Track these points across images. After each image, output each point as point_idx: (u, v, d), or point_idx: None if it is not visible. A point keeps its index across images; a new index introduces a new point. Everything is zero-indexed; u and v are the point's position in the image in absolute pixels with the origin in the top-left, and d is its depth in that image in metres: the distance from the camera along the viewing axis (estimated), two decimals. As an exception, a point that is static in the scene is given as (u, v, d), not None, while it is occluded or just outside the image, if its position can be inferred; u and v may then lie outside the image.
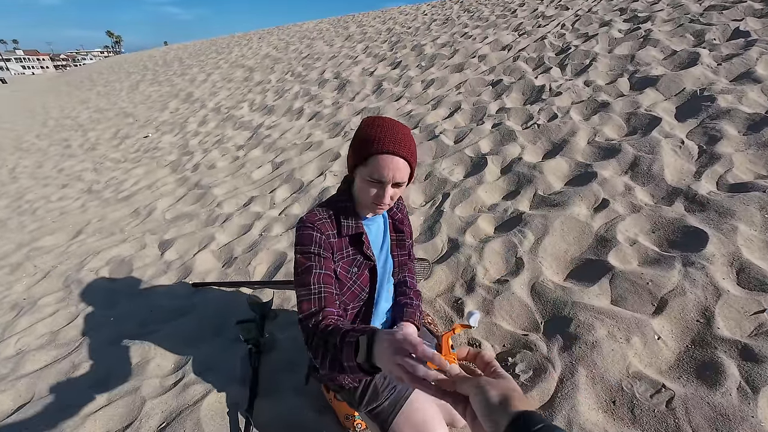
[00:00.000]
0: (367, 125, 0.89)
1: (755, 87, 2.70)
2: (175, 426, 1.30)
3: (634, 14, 4.86)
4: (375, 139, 0.84)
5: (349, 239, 1.01)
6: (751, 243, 1.65)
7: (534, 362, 1.38)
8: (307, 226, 0.94)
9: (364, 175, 0.89)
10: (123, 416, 1.38)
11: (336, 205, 1.00)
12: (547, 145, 2.81)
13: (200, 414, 1.32)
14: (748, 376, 1.18)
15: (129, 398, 1.43)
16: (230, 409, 1.36)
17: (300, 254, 0.94)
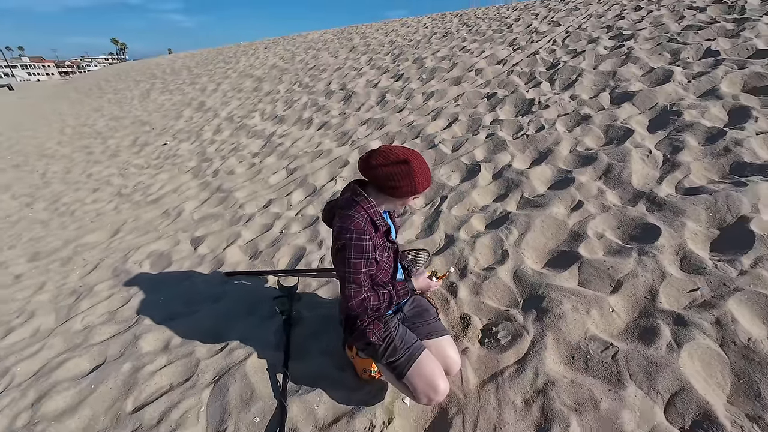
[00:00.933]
0: (421, 170, 1.27)
1: (717, 103, 3.06)
2: (226, 378, 1.64)
3: (620, 32, 5.25)
4: (426, 179, 1.29)
5: (383, 235, 1.36)
6: (695, 236, 1.99)
7: (512, 330, 1.71)
8: (361, 236, 1.24)
9: (408, 200, 1.33)
10: (182, 372, 1.72)
11: (368, 211, 1.30)
12: (534, 153, 3.17)
13: (246, 370, 1.66)
14: (676, 336, 1.51)
15: (186, 359, 1.77)
16: (269, 367, 1.70)
17: (358, 263, 1.26)
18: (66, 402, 1.63)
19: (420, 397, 1.28)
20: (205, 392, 1.60)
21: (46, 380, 1.74)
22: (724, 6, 5.16)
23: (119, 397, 1.63)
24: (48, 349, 1.96)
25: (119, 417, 1.54)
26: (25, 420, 1.56)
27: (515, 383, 1.48)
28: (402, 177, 1.25)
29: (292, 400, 1.51)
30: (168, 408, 1.54)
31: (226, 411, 1.51)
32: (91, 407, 1.58)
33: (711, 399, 1.31)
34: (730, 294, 1.62)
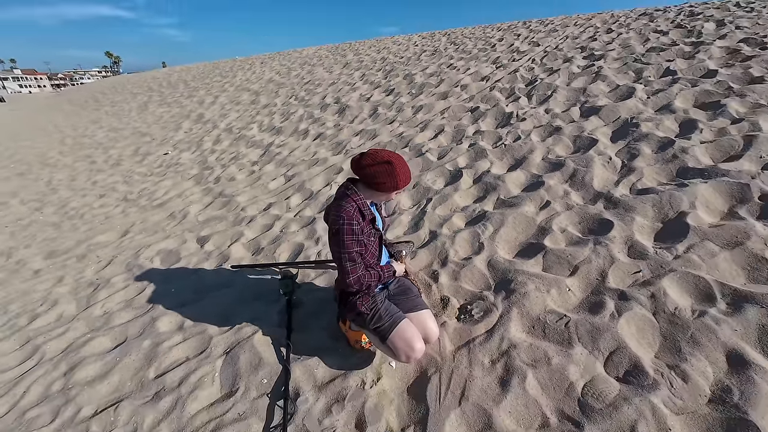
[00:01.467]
0: (401, 171, 1.56)
1: (671, 116, 3.46)
2: (236, 350, 1.88)
3: (592, 52, 5.73)
4: (407, 178, 1.58)
5: (369, 222, 1.65)
6: (642, 228, 2.31)
7: (484, 307, 2.00)
8: (351, 222, 1.54)
9: (391, 195, 1.62)
10: (197, 347, 1.96)
11: (356, 202, 1.60)
12: (511, 160, 3.51)
13: (254, 343, 1.91)
14: (618, 308, 1.81)
15: (199, 336, 2.02)
16: (274, 341, 1.95)
17: (349, 244, 1.55)
18: (95, 371, 1.85)
19: (400, 355, 1.55)
20: (218, 361, 1.84)
21: (75, 355, 1.96)
22: (684, 30, 5.69)
23: (142, 367, 1.86)
24: (73, 330, 2.18)
25: (143, 382, 1.78)
26: (60, 386, 1.78)
27: (484, 347, 1.76)
28: (386, 175, 1.55)
29: (294, 364, 1.76)
30: (186, 374, 1.78)
31: (237, 375, 1.76)
32: (118, 375, 1.81)
33: (641, 354, 1.60)
34: (665, 274, 1.93)
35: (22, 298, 2.59)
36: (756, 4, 6.33)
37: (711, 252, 2.00)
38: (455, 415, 1.50)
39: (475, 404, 1.52)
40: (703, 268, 1.93)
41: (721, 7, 6.59)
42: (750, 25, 5.27)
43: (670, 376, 1.50)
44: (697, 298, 1.81)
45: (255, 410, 1.59)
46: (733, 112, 3.25)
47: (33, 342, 2.12)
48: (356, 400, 1.59)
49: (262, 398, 1.64)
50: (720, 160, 2.77)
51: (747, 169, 2.54)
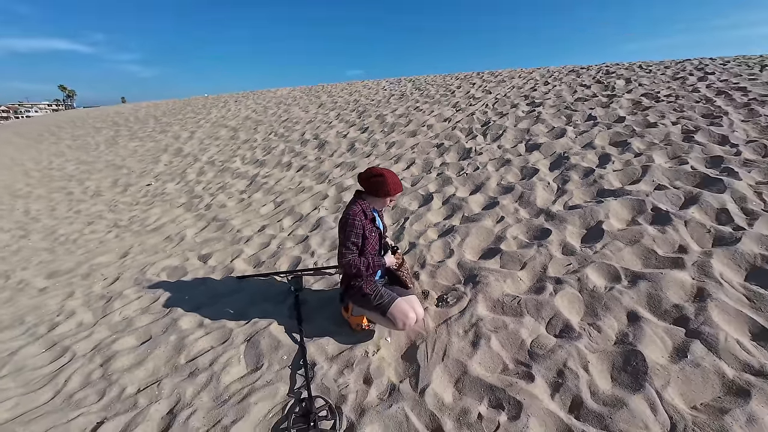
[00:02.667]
0: (392, 180, 2.11)
1: (592, 151, 4.39)
2: (257, 337, 2.24)
3: (533, 100, 6.89)
4: (397, 187, 2.13)
5: (370, 220, 2.17)
6: (572, 234, 3.01)
7: (457, 295, 2.52)
8: (354, 218, 2.07)
9: (386, 200, 2.15)
10: (219, 338, 2.29)
11: (361, 205, 2.15)
12: (472, 186, 4.22)
13: (270, 330, 2.28)
14: (555, 289, 2.41)
15: (220, 330, 2.35)
16: (287, 329, 2.33)
17: (350, 233, 2.06)
18: (129, 361, 2.12)
19: (398, 323, 2.02)
20: (241, 347, 2.19)
21: (107, 350, 2.21)
22: (602, 85, 7.06)
23: (173, 356, 2.15)
24: (97, 333, 2.40)
25: (177, 366, 2.07)
26: (99, 375, 2.03)
27: (458, 323, 2.26)
28: (380, 184, 2.12)
29: (308, 343, 2.16)
30: (215, 357, 2.11)
31: (260, 355, 2.11)
32: (152, 363, 2.09)
33: (571, 318, 2.18)
34: (588, 264, 2.59)
35: (34, 311, 2.74)
36: (653, 67, 7.99)
37: (618, 248, 2.71)
38: (440, 368, 1.96)
39: (454, 360, 2.00)
40: (614, 259, 2.62)
41: (629, 68, 8.23)
42: (649, 83, 6.70)
43: (590, 329, 2.09)
44: (609, 278, 2.47)
45: (280, 378, 1.95)
46: (636, 149, 4.22)
47: (60, 344, 2.31)
48: (362, 364, 2.01)
49: (285, 369, 2.01)
50: (626, 183, 3.63)
51: (644, 190, 3.39)
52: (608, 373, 1.84)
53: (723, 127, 4.37)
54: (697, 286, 2.24)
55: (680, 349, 1.86)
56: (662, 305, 2.16)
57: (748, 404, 1.55)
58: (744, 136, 4.09)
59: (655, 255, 2.60)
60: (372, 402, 1.79)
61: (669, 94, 5.86)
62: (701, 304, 2.09)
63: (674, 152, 4.01)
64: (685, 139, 4.28)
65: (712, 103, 5.19)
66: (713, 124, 4.52)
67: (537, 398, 1.71)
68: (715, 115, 4.75)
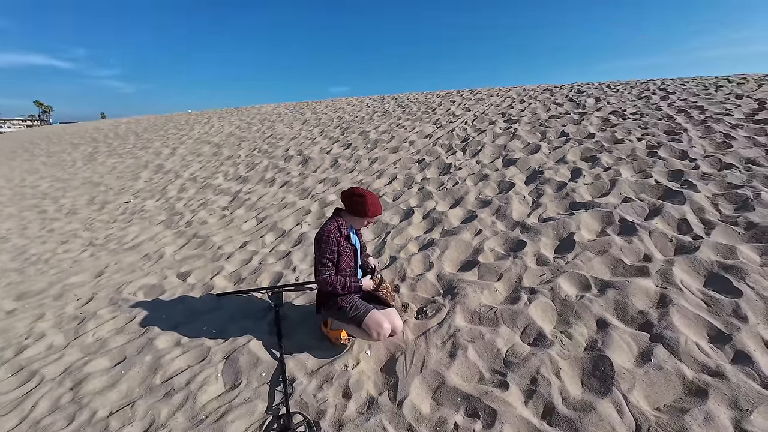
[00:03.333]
0: (372, 203, 2.17)
1: (565, 166, 4.60)
2: (235, 354, 2.22)
3: (510, 117, 7.18)
4: (377, 210, 2.18)
5: (345, 237, 2.21)
6: (546, 245, 3.13)
7: (436, 307, 2.58)
8: (329, 235, 2.12)
9: (365, 220, 2.19)
10: (197, 357, 2.26)
11: (337, 222, 2.20)
12: (452, 200, 4.34)
13: (250, 348, 2.27)
14: (529, 299, 2.49)
15: (198, 348, 2.32)
16: (267, 346, 2.32)
17: (325, 250, 2.11)
18: (102, 384, 2.06)
19: (372, 333, 2.06)
20: (219, 365, 2.16)
21: (78, 373, 2.14)
22: (574, 103, 7.43)
23: (148, 376, 2.11)
24: (68, 356, 2.32)
25: (151, 387, 2.03)
26: (69, 399, 1.96)
27: (437, 334, 2.31)
28: (360, 205, 2.17)
29: (287, 359, 2.15)
30: (192, 376, 2.08)
31: (238, 372, 2.10)
32: (126, 384, 2.04)
33: (544, 327, 2.26)
34: (560, 275, 2.69)
35: (1, 335, 2.63)
36: (620, 86, 8.49)
37: (589, 258, 2.84)
38: (418, 379, 1.99)
39: (432, 371, 2.04)
40: (584, 269, 2.74)
41: (598, 87, 8.71)
42: (616, 102, 7.10)
43: (561, 337, 2.17)
44: (580, 287, 2.58)
45: (258, 395, 1.94)
46: (605, 163, 4.46)
47: (28, 368, 2.22)
48: (341, 378, 2.02)
49: (263, 386, 2.00)
50: (596, 196, 3.81)
51: (612, 202, 3.57)
52: (578, 378, 1.91)
53: (683, 142, 4.67)
54: (660, 292, 2.37)
55: (645, 353, 1.96)
56: (629, 312, 2.27)
57: (705, 404, 1.65)
58: (702, 151, 4.38)
59: (623, 264, 2.73)
60: (351, 416, 1.80)
61: (635, 112, 6.23)
62: (664, 310, 2.21)
63: (639, 166, 4.25)
64: (649, 154, 4.55)
65: (673, 120, 5.55)
66: (674, 140, 4.82)
67: (511, 406, 1.76)
68: (676, 132, 5.08)
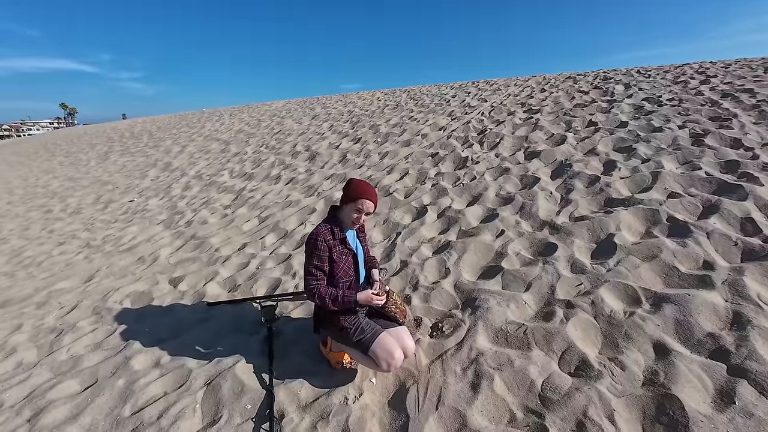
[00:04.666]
0: (357, 183, 1.81)
1: (596, 158, 4.11)
2: (218, 380, 1.90)
3: (530, 107, 6.67)
4: (365, 192, 1.79)
5: (339, 241, 1.86)
6: (580, 249, 2.70)
7: (454, 323, 2.20)
8: (316, 238, 1.78)
9: (353, 207, 1.79)
10: (175, 381, 1.95)
11: (330, 223, 1.85)
12: (469, 197, 3.93)
13: (236, 372, 1.94)
14: (566, 314, 2.09)
15: (178, 371, 2.01)
16: (256, 369, 1.99)
17: (311, 256, 1.77)
18: (64, 414, 1.77)
19: (381, 364, 1.69)
20: (199, 393, 1.85)
21: (40, 400, 1.87)
22: (600, 91, 6.86)
23: (117, 406, 1.81)
24: (36, 377, 2.06)
25: (118, 421, 1.73)
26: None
27: (456, 358, 1.93)
28: (345, 189, 1.84)
29: (278, 388, 1.82)
30: (166, 408, 1.77)
31: (220, 403, 1.77)
32: (90, 416, 1.75)
33: (587, 351, 1.85)
34: (601, 284, 2.27)
35: (-29, 350, 2.41)
36: (652, 71, 7.82)
37: (634, 264, 2.40)
38: (433, 419, 1.63)
39: (451, 407, 1.67)
40: (630, 278, 2.30)
41: (627, 73, 8.06)
42: (649, 87, 6.49)
43: (611, 366, 1.76)
44: (627, 301, 2.15)
45: (240, 434, 1.61)
46: (642, 154, 3.95)
47: (-11, 392, 1.98)
48: (340, 415, 1.67)
49: (247, 423, 1.67)
50: (636, 191, 3.34)
51: (656, 198, 3.10)
52: (639, 424, 1.50)
53: (734, 129, 4.11)
54: (733, 309, 1.92)
55: (725, 393, 1.54)
56: (694, 334, 1.84)
57: (823, 471, 1.22)
58: (758, 139, 3.82)
59: (678, 272, 2.28)
60: (349, 467, 1.45)
61: (671, 98, 5.64)
62: (741, 333, 1.77)
63: (685, 157, 3.74)
64: (694, 143, 4.01)
65: (719, 105, 4.96)
66: (723, 127, 4.26)
67: (554, 461, 1.38)
68: (724, 118, 4.50)
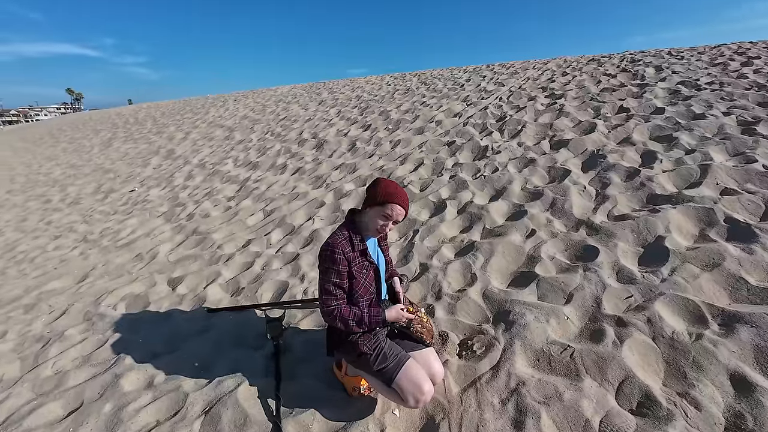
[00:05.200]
0: (386, 184, 1.51)
1: (632, 148, 3.73)
2: (218, 407, 1.66)
3: (552, 92, 6.22)
4: (395, 195, 1.49)
5: (359, 253, 1.56)
6: (625, 254, 2.38)
7: (486, 341, 1.92)
8: (333, 250, 1.48)
9: (380, 212, 1.49)
10: (170, 407, 1.71)
11: (348, 231, 1.55)
12: (492, 191, 3.60)
13: (237, 398, 1.69)
14: (618, 334, 1.79)
15: (173, 394, 1.77)
16: (260, 393, 1.74)
17: (329, 272, 1.49)
18: (41, 448, 1.55)
19: (408, 399, 1.42)
20: (195, 423, 1.60)
21: (16, 429, 1.64)
22: (629, 74, 6.36)
23: (102, 438, 1.58)
24: (15, 397, 1.84)
25: (103, 457, 1.50)
26: (-6, 471, 1.46)
27: (492, 386, 1.66)
28: (371, 190, 1.53)
29: (286, 421, 1.57)
30: (157, 442, 1.53)
31: (219, 438, 1.53)
32: (71, 450, 1.52)
33: (650, 383, 1.56)
34: (656, 298, 1.96)
35: (-50, 361, 2.20)
36: (685, 53, 7.26)
37: (693, 274, 2.08)
38: (471, 466, 1.36)
39: (491, 452, 1.40)
40: (689, 290, 1.99)
41: (657, 55, 7.50)
42: (683, 70, 5.99)
43: (683, 405, 1.47)
44: (690, 320, 1.84)
45: (242, 481, 1.37)
46: (686, 144, 3.57)
47: (-38, 416, 1.76)
48: (359, 457, 1.42)
49: (250, 465, 1.43)
50: (683, 187, 2.98)
51: (709, 195, 2.74)
52: (730, 486, 1.22)
53: (790, 116, 3.69)
54: (826, 335, 1.61)
55: (837, 448, 1.24)
56: (782, 366, 1.53)
57: None
58: (820, 128, 3.41)
59: (746, 284, 1.96)
60: None
61: (711, 82, 5.17)
62: (843, 367, 1.46)
63: (735, 148, 3.35)
64: (744, 131, 3.61)
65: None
66: (776, 113, 3.84)
67: None
68: (776, 104, 4.07)
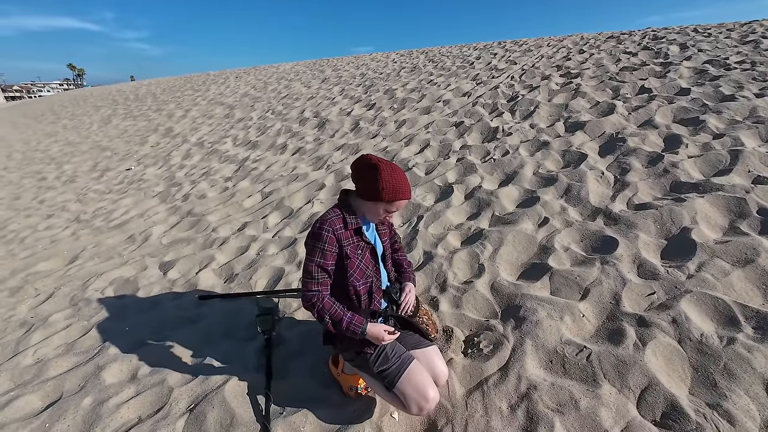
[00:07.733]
0: (390, 177, 1.27)
1: (654, 131, 3.48)
2: (203, 405, 1.54)
3: (568, 71, 5.87)
4: (401, 191, 1.29)
5: (353, 231, 1.38)
6: (647, 246, 2.20)
7: (494, 339, 1.77)
8: (321, 226, 1.31)
9: (384, 206, 1.31)
10: (153, 403, 1.60)
11: (342, 209, 1.37)
12: (502, 175, 3.39)
13: (224, 395, 1.57)
14: (640, 336, 1.64)
15: (157, 388, 1.65)
16: (250, 390, 1.62)
17: (314, 249, 1.31)
18: (14, 444, 1.45)
19: (411, 406, 1.28)
20: (179, 422, 1.49)
21: (-10, 422, 1.55)
22: (651, 52, 5.97)
23: (79, 435, 1.48)
24: (-8, 387, 1.75)
25: (79, 457, 1.40)
26: (-37, 469, 1.37)
27: (500, 390, 1.52)
28: (370, 182, 1.29)
29: (276, 422, 1.45)
30: (137, 442, 1.42)
31: (204, 439, 1.41)
32: (46, 448, 1.42)
33: (676, 391, 1.41)
34: (681, 296, 1.79)
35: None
36: (712, 30, 6.80)
37: (723, 270, 1.90)
38: (476, 480, 1.24)
39: (499, 465, 1.27)
40: (719, 288, 1.82)
41: (681, 32, 7.04)
42: (711, 48, 5.60)
43: (714, 418, 1.32)
44: (720, 322, 1.67)
45: (226, 489, 1.25)
46: (713, 128, 3.31)
47: (-65, 406, 1.67)
48: (354, 466, 1.29)
49: (236, 471, 1.31)
50: (710, 174, 2.75)
51: (740, 183, 2.52)
52: None
53: (830, 99, 3.40)
54: None
55: None
56: (827, 377, 1.37)
57: None
58: None
59: (783, 284, 1.78)
60: None
61: (741, 61, 4.81)
62: None
63: (769, 132, 3.09)
64: (779, 115, 3.33)
65: (804, 70, 4.16)
66: (814, 95, 3.54)
67: None
68: (814, 85, 3.75)
